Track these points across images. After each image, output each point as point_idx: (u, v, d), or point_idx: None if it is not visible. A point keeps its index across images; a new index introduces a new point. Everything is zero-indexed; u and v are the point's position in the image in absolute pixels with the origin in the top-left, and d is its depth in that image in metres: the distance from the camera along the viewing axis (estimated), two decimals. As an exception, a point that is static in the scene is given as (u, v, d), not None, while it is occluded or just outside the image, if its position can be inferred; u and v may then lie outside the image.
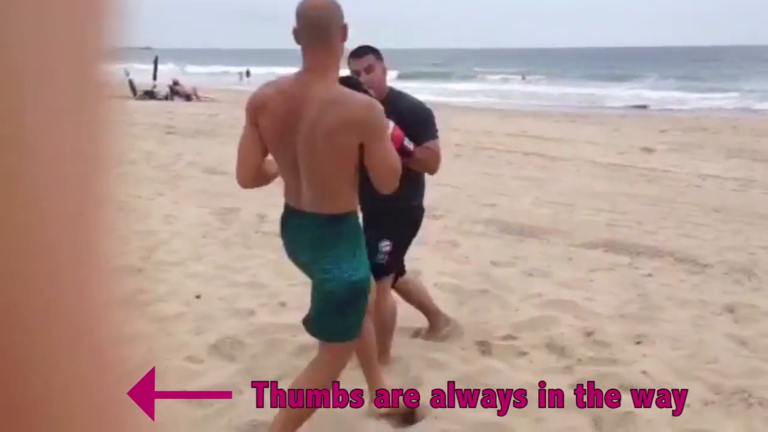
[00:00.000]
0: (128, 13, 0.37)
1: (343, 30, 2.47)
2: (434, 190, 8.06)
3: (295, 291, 4.57)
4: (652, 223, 6.71)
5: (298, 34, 2.46)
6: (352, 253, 2.57)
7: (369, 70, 3.21)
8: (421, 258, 5.37)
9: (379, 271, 3.25)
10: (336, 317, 2.61)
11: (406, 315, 3.84)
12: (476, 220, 6.77)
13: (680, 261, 5.39)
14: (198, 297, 4.41)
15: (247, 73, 45.06)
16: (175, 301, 4.32)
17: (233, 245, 5.65)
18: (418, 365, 3.50)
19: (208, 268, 5.02)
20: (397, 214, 3.39)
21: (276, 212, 6.25)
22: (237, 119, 12.94)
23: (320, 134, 2.42)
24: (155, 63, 23.61)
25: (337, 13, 2.46)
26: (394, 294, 3.63)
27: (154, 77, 23.16)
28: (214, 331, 3.87)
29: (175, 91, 22.04)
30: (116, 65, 0.37)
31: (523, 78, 45.11)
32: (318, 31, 2.42)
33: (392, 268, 3.46)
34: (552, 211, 7.23)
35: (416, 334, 3.93)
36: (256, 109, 2.54)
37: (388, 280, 3.46)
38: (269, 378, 3.36)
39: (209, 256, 5.34)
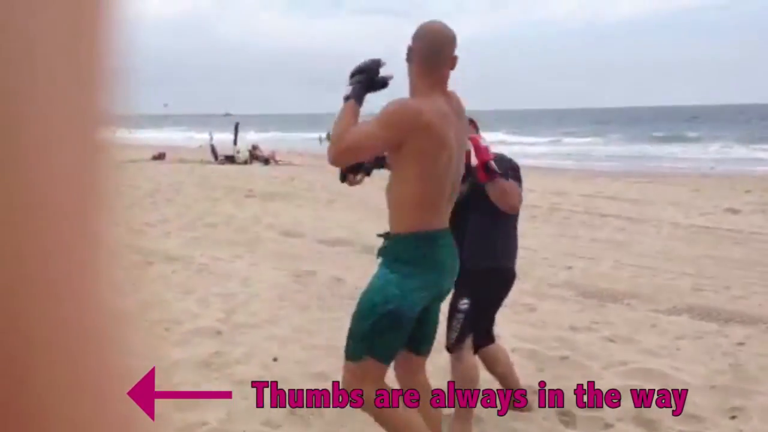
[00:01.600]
0: (136, 78, 0.38)
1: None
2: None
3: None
4: (740, 287, 6.42)
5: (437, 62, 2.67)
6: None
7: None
8: (497, 322, 5.29)
9: (457, 333, 3.40)
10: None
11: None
12: (553, 284, 6.63)
13: (774, 329, 5.11)
14: (275, 360, 4.44)
15: (328, 137, 46.30)
16: (252, 364, 4.36)
17: (310, 308, 5.70)
18: (497, 435, 3.40)
19: (285, 331, 5.06)
20: (477, 276, 3.38)
21: (352, 275, 6.29)
22: (312, 182, 13.43)
23: (463, 142, 2.68)
24: (236, 129, 24.49)
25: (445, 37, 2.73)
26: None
27: (235, 142, 23.99)
28: (291, 395, 3.87)
29: (254, 156, 22.73)
30: (122, 130, 0.38)
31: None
32: (438, 56, 2.69)
33: (469, 329, 3.45)
34: (632, 275, 7.02)
35: None
36: (432, 127, 2.57)
37: (467, 343, 3.47)
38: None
39: (286, 318, 5.39)
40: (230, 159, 22.59)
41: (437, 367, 3.85)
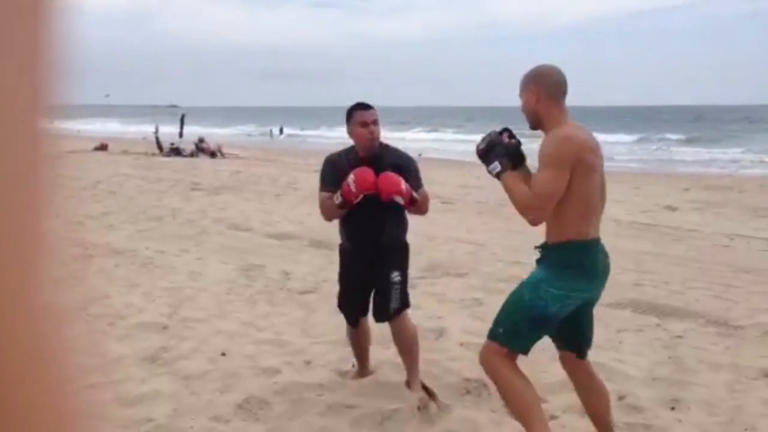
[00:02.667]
0: (76, 68, 0.37)
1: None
2: (457, 248, 8.11)
3: (320, 349, 4.55)
4: (679, 283, 6.62)
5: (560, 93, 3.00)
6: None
7: (376, 123, 3.66)
8: (444, 316, 5.35)
9: (399, 302, 3.77)
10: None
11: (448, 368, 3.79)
12: (501, 278, 6.71)
13: (711, 323, 5.29)
14: (223, 354, 4.38)
15: (280, 131, 46.26)
16: (200, 359, 4.30)
17: (258, 302, 5.65)
18: (447, 425, 3.42)
19: (233, 325, 5.00)
20: (399, 251, 3.83)
21: (301, 270, 6.26)
22: (259, 176, 13.32)
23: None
24: (182, 120, 24.08)
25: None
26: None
27: (180, 135, 23.59)
28: (239, 390, 3.84)
29: (200, 148, 22.40)
30: (60, 120, 0.37)
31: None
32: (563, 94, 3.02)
33: (406, 297, 3.84)
34: (577, 270, 7.16)
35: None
36: (587, 150, 2.92)
37: (406, 310, 3.85)
38: (295, 439, 3.31)
39: (234, 312, 5.33)
40: (176, 151, 22.22)
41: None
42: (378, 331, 4.16)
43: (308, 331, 4.90)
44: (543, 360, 4.38)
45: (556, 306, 2.92)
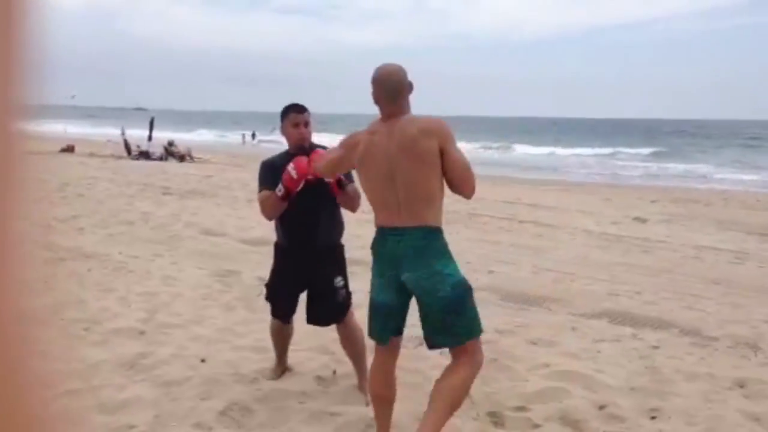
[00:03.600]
0: (45, 70, 0.37)
1: (410, 86, 3.14)
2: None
3: (300, 356, 4.52)
4: (651, 293, 6.72)
5: (376, 96, 3.12)
6: (448, 260, 3.04)
7: (307, 125, 3.81)
8: (420, 325, 5.35)
9: (343, 306, 3.87)
10: (461, 316, 3.02)
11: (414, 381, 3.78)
12: (477, 287, 6.69)
13: (685, 333, 5.38)
14: (203, 361, 4.33)
15: (253, 136, 46.18)
16: (179, 365, 4.24)
17: (235, 308, 5.59)
18: (431, 436, 3.42)
19: (211, 332, 4.94)
20: (335, 252, 3.90)
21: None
22: (230, 180, 13.23)
23: (408, 145, 2.96)
24: (151, 124, 23.79)
25: (404, 75, 3.13)
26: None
27: (150, 138, 23.30)
28: (220, 397, 3.79)
29: (169, 152, 22.15)
30: (32, 121, 0.37)
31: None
32: (395, 94, 3.09)
33: (350, 299, 3.92)
34: (551, 280, 7.24)
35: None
36: (351, 146, 3.17)
37: (351, 311, 3.94)
38: (279, 447, 3.28)
39: (211, 318, 5.27)
40: (145, 154, 21.94)
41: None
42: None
43: (288, 338, 4.86)
44: (521, 370, 4.43)
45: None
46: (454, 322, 3.00)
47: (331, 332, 4.75)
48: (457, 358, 3.09)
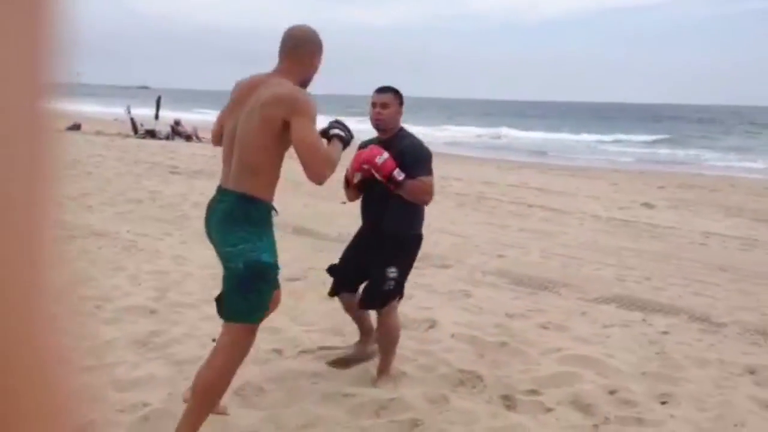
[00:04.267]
0: (69, 50, 0.37)
1: (312, 54, 3.01)
2: (442, 239, 8.13)
3: (313, 337, 4.54)
4: (660, 279, 6.72)
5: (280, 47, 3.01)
6: (258, 237, 2.83)
7: (384, 106, 3.76)
8: (434, 307, 5.36)
9: (387, 296, 3.77)
10: (237, 295, 2.84)
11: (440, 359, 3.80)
12: (486, 271, 6.75)
13: (694, 319, 5.38)
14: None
15: None
16: (191, 344, 4.27)
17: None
18: (443, 418, 3.44)
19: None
20: (401, 242, 3.84)
21: (287, 256, 6.22)
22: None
23: (256, 107, 2.83)
24: (158, 103, 23.75)
25: (309, 39, 3.01)
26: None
27: (156, 116, 23.27)
28: (236, 376, 3.81)
29: (176, 131, 22.12)
30: (59, 99, 0.37)
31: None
32: (288, 47, 2.98)
33: (398, 292, 3.84)
34: (560, 264, 7.24)
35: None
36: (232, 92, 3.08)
37: (395, 304, 3.86)
38: (294, 427, 3.31)
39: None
40: (151, 133, 21.92)
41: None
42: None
43: (298, 319, 4.88)
44: (533, 354, 4.44)
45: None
46: (233, 299, 2.86)
47: (345, 314, 4.77)
48: (221, 338, 2.94)
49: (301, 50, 2.97)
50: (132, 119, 22.97)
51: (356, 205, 4.14)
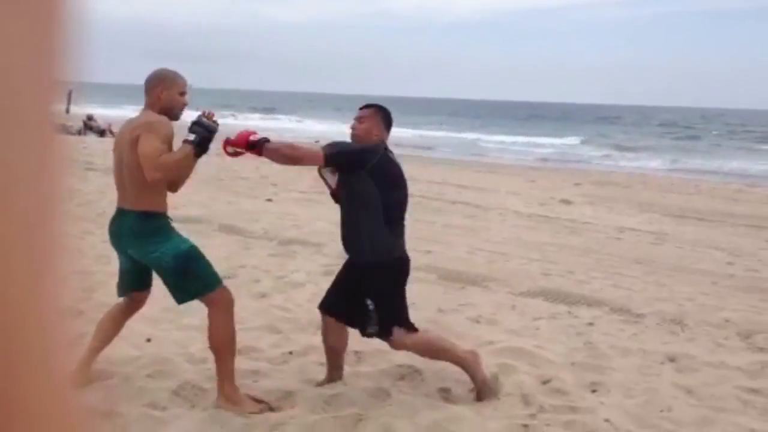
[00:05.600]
0: (80, 50, 0.39)
1: (156, 89, 3.54)
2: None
3: (247, 336, 4.49)
4: (582, 273, 6.99)
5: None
6: (166, 237, 3.47)
7: (360, 120, 3.70)
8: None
9: (380, 332, 3.62)
10: (185, 281, 3.48)
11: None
12: (415, 267, 6.77)
13: (615, 311, 5.63)
14: (149, 340, 4.25)
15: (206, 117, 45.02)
16: (124, 344, 4.15)
17: (176, 287, 5.49)
18: (386, 411, 3.48)
19: (152, 310, 4.82)
20: (370, 272, 3.60)
21: (213, 254, 6.13)
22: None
23: (128, 136, 3.45)
24: (69, 96, 22.82)
25: (152, 79, 3.58)
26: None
27: (67, 111, 22.36)
28: (171, 376, 3.75)
29: (89, 126, 21.33)
30: (68, 99, 0.39)
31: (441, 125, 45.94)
32: (145, 89, 3.59)
33: (389, 322, 3.59)
34: (487, 260, 7.41)
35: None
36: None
37: (400, 333, 3.62)
38: (236, 425, 3.28)
39: (151, 297, 5.13)
40: (61, 128, 21.03)
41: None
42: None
43: (235, 318, 4.82)
44: (466, 347, 4.54)
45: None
46: (186, 283, 3.48)
47: (280, 311, 4.76)
48: (209, 308, 3.55)
49: (149, 89, 3.58)
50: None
51: (281, 202, 4.13)
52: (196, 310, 4.88)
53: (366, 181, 3.50)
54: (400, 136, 34.71)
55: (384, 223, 3.55)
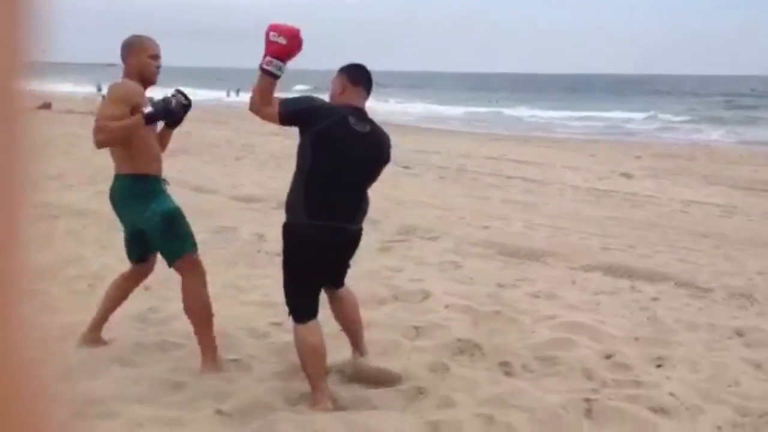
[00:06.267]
0: (47, 29, 0.37)
1: (126, 56, 3.67)
2: (426, 212, 8.17)
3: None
4: (645, 247, 6.83)
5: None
6: (153, 197, 3.60)
7: (330, 83, 3.44)
8: (425, 279, 5.39)
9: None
10: (167, 240, 3.62)
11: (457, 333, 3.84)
12: (473, 242, 6.80)
13: (681, 285, 5.49)
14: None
15: (237, 92, 45.78)
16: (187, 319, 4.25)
17: (237, 264, 5.60)
18: (446, 385, 3.48)
19: (215, 287, 4.90)
20: (284, 230, 3.32)
21: (273, 232, 6.23)
22: (215, 138, 13.05)
23: None
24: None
25: (123, 47, 3.69)
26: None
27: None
28: (235, 349, 3.83)
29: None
30: (36, 79, 0.37)
31: (496, 102, 45.29)
32: (121, 59, 3.70)
33: (291, 295, 3.31)
34: (545, 234, 7.31)
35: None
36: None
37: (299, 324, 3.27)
38: (299, 397, 3.33)
39: (215, 274, 5.22)
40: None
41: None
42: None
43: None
44: (527, 322, 4.50)
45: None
46: (172, 243, 3.62)
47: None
48: (181, 275, 3.67)
49: (123, 59, 3.69)
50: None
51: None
52: (256, 287, 5.00)
53: (304, 140, 3.21)
54: (449, 113, 34.75)
55: (308, 186, 3.20)
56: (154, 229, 3.59)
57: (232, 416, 3.08)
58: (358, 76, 3.36)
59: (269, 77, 3.16)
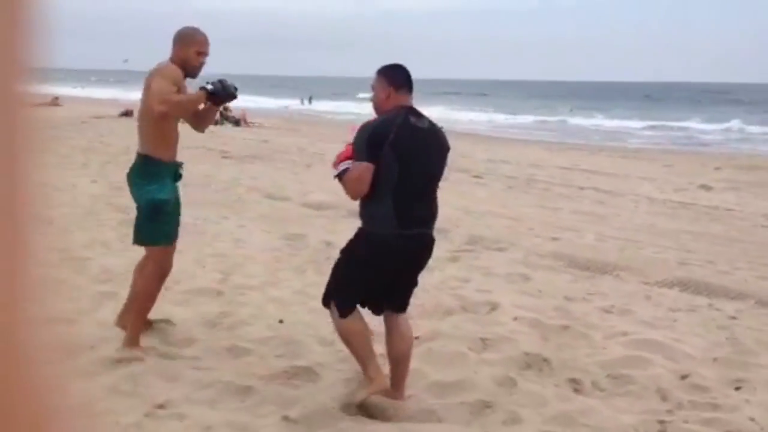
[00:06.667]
0: (50, 34, 0.36)
1: (177, 46, 3.83)
2: (494, 222, 8.08)
3: (378, 320, 4.56)
4: (724, 263, 6.58)
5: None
6: (149, 183, 3.77)
7: (372, 89, 3.42)
8: (493, 290, 5.34)
9: (327, 286, 3.52)
10: (145, 224, 3.82)
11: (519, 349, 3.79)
12: (542, 254, 6.69)
13: (762, 304, 5.26)
14: (281, 322, 4.41)
15: (310, 100, 46.54)
16: (259, 325, 4.33)
17: (306, 271, 5.67)
18: (513, 400, 3.44)
19: (285, 293, 5.03)
20: (356, 236, 3.44)
21: (342, 239, 6.29)
22: (287, 145, 13.30)
23: (145, 85, 3.79)
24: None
25: (176, 36, 3.87)
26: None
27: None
28: (303, 357, 3.87)
29: (224, 116, 22.34)
30: (39, 83, 0.36)
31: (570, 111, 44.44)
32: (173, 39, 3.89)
33: (337, 287, 3.44)
34: (617, 247, 7.14)
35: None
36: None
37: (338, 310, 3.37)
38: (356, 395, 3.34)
39: (285, 281, 5.35)
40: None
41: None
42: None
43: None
44: (598, 338, 4.38)
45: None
46: (143, 227, 3.83)
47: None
48: (143, 260, 3.93)
49: (173, 45, 3.85)
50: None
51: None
52: (326, 294, 5.03)
53: (383, 157, 3.18)
54: (520, 122, 34.26)
55: (396, 195, 3.23)
56: (142, 209, 3.81)
57: (298, 423, 3.12)
58: (399, 79, 3.37)
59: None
